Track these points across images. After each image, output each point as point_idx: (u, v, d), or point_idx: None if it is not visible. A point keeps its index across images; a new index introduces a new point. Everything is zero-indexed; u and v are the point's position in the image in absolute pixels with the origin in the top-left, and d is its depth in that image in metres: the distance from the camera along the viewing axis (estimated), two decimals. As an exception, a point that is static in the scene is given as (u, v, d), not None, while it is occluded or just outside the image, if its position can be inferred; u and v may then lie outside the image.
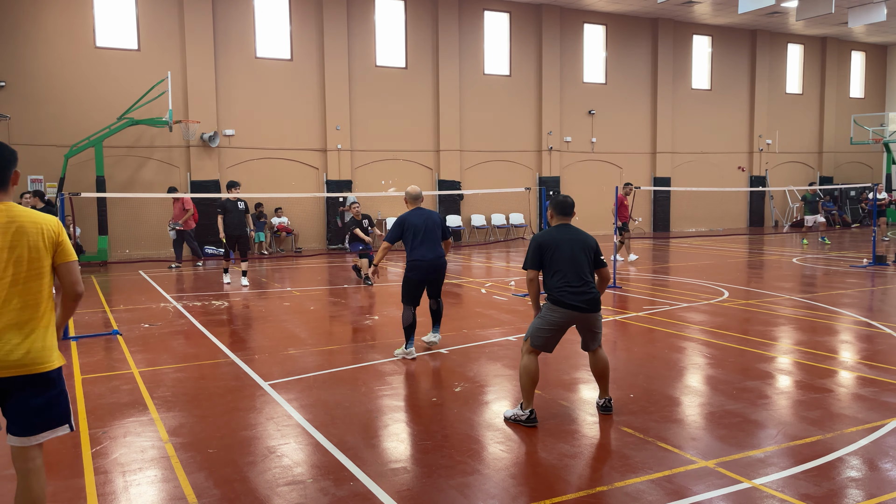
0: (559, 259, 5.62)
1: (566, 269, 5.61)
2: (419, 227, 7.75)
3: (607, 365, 5.85)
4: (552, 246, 5.66)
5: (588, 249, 5.71)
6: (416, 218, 7.82)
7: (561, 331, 5.70)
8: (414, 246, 7.73)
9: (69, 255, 3.52)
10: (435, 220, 7.89)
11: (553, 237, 5.71)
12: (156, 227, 19.92)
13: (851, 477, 4.58)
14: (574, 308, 5.58)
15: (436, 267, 7.77)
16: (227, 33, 20.44)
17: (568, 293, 5.57)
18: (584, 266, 5.66)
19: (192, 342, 8.75)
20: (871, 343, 8.36)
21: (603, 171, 26.48)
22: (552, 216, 5.91)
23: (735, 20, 27.19)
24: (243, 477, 4.64)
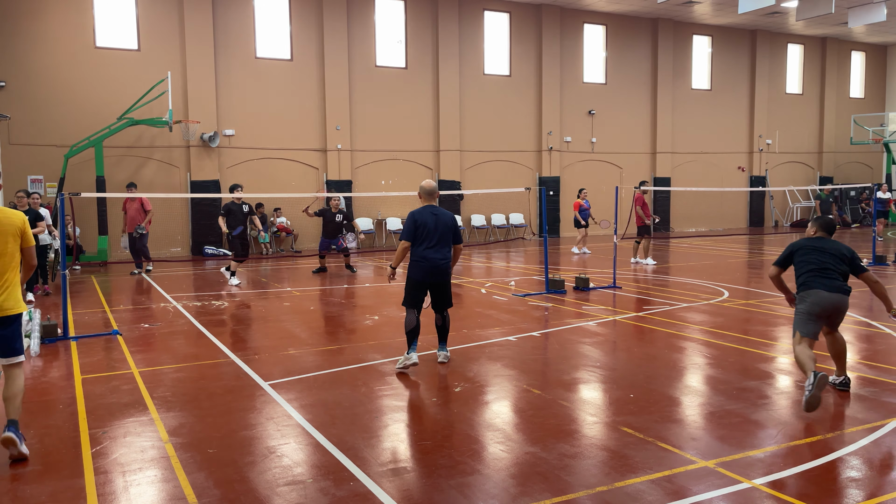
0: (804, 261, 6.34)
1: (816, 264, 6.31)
2: (430, 226, 7.27)
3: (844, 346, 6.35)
4: (802, 248, 6.40)
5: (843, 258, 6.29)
6: (427, 216, 7.31)
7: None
8: (420, 244, 7.29)
9: (29, 242, 5.24)
10: (447, 223, 7.37)
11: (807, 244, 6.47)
12: (156, 227, 19.90)
13: (851, 477, 4.58)
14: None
15: (438, 269, 7.29)
16: (227, 33, 20.44)
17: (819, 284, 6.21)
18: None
19: (192, 342, 8.75)
20: (871, 343, 8.36)
21: (603, 171, 26.47)
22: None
23: (735, 20, 27.19)
24: (243, 477, 4.64)
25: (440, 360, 7.52)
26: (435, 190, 7.54)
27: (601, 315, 10.18)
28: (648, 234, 16.52)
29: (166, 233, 20.14)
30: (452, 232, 7.38)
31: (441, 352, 7.60)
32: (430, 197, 7.50)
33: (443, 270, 7.34)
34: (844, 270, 6.25)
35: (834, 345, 6.33)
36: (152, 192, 19.28)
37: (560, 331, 9.15)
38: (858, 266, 6.29)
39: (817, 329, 6.14)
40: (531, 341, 8.60)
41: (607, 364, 7.48)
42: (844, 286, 6.19)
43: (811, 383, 5.58)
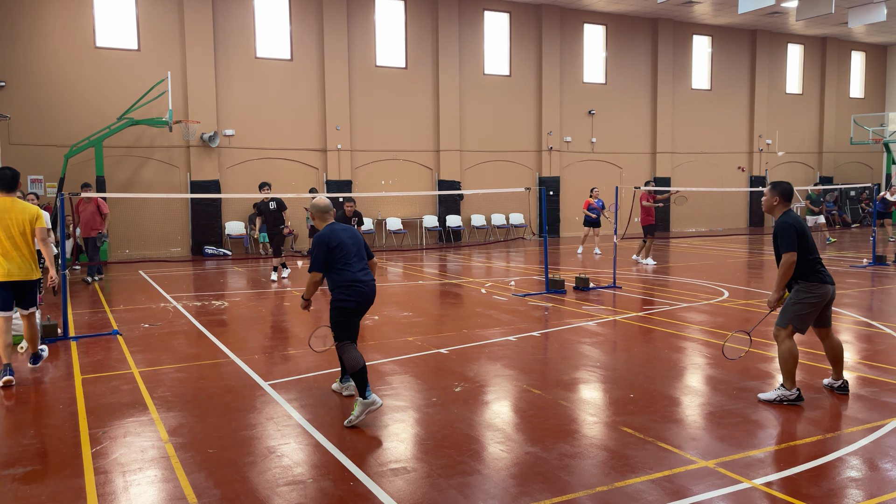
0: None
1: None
2: (348, 244, 6.04)
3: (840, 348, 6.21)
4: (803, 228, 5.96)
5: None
6: (342, 234, 6.07)
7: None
8: (347, 267, 5.98)
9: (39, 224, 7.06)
10: (360, 239, 6.24)
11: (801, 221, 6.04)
12: (156, 227, 19.93)
13: (851, 477, 4.58)
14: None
15: (374, 292, 6.12)
16: (227, 33, 20.44)
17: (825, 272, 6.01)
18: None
19: (192, 342, 8.75)
20: (871, 343, 8.36)
21: (603, 171, 26.47)
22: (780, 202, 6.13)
23: (735, 20, 27.19)
24: (243, 477, 4.64)
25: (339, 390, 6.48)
26: (329, 208, 6.29)
27: (601, 315, 10.18)
28: (652, 234, 16.55)
29: (166, 233, 20.16)
30: (365, 247, 6.27)
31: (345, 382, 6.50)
32: (327, 215, 6.25)
33: (373, 294, 6.13)
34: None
35: (833, 350, 6.21)
36: (152, 193, 19.31)
37: (560, 331, 9.15)
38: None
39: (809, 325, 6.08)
40: (531, 341, 8.60)
41: (607, 364, 7.48)
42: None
43: (796, 398, 5.92)
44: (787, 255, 5.86)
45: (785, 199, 6.10)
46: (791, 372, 5.95)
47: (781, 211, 6.11)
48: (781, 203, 6.10)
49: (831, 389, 6.33)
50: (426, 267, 17.03)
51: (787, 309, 6.03)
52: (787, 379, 5.99)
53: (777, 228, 6.00)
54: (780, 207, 6.11)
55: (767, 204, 6.18)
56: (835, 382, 6.31)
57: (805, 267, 5.94)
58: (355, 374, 5.72)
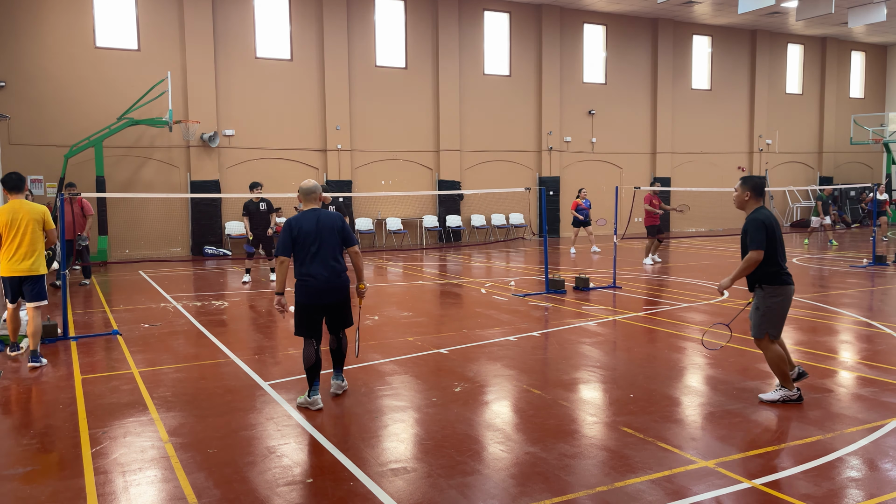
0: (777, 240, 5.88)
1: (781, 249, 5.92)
2: (309, 233, 5.91)
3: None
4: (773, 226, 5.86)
5: None
6: (306, 222, 5.94)
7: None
8: (303, 259, 5.94)
9: (49, 225, 7.73)
10: (330, 225, 5.98)
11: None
12: (156, 227, 19.93)
13: (851, 477, 4.58)
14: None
15: (332, 288, 5.96)
16: (227, 33, 20.44)
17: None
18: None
19: (192, 342, 8.75)
20: (871, 343, 8.36)
21: (603, 171, 26.47)
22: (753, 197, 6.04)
23: (735, 20, 27.19)
24: (243, 477, 4.64)
25: (333, 391, 6.33)
26: (315, 189, 6.15)
27: (601, 315, 10.18)
28: (653, 234, 16.57)
29: (166, 233, 20.16)
30: (339, 234, 6.02)
31: (335, 381, 6.38)
32: (310, 198, 6.13)
33: (335, 288, 5.99)
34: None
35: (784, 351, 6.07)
36: (152, 193, 19.31)
37: (560, 331, 9.15)
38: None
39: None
40: (531, 341, 8.60)
41: (607, 364, 7.48)
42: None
43: (798, 398, 5.94)
44: (755, 252, 5.76)
45: (756, 193, 6.02)
46: (785, 373, 5.95)
47: (754, 206, 6.01)
48: (753, 198, 6.00)
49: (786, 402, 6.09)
50: (426, 267, 17.03)
51: (758, 320, 5.99)
52: (784, 381, 5.99)
53: (747, 225, 5.90)
54: (751, 202, 6.03)
55: (739, 199, 6.10)
56: (791, 394, 6.02)
57: (771, 269, 5.86)
58: (306, 369, 5.95)
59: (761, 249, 5.76)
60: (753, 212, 5.96)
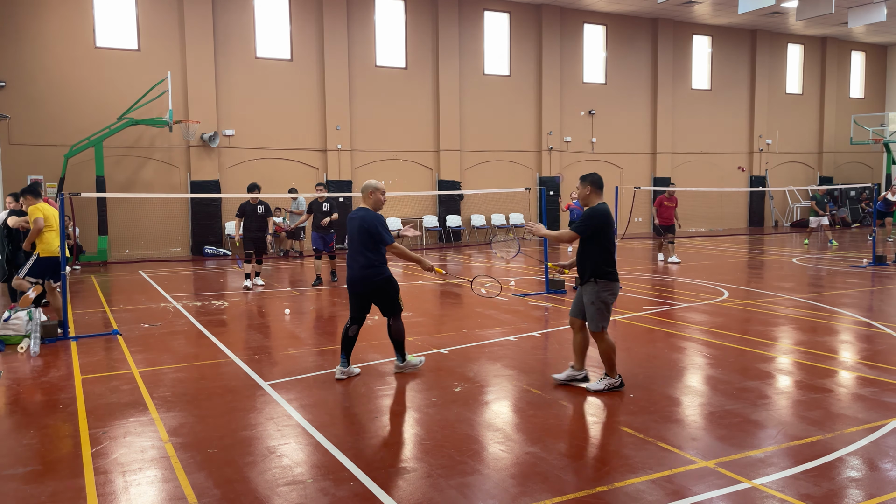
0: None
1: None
2: (349, 230, 6.84)
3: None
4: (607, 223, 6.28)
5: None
6: (351, 221, 6.87)
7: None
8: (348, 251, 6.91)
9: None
10: (361, 225, 6.70)
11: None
12: (156, 227, 19.93)
13: (851, 477, 4.58)
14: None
15: (358, 279, 6.76)
16: (227, 33, 20.44)
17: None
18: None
19: (192, 342, 8.75)
20: (871, 343, 8.35)
21: (603, 171, 26.45)
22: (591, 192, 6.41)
23: (735, 20, 27.19)
24: (243, 477, 4.64)
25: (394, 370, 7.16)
26: (365, 188, 6.89)
27: (601, 315, 10.17)
28: (660, 234, 16.94)
29: (166, 233, 20.16)
30: (369, 235, 6.66)
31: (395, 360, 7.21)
32: (362, 197, 6.91)
33: (361, 280, 6.75)
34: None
35: (585, 341, 6.60)
36: (152, 193, 19.31)
37: (560, 331, 9.14)
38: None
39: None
40: (531, 341, 8.60)
41: (607, 364, 7.47)
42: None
43: (620, 384, 6.39)
44: (572, 234, 6.41)
45: (596, 188, 6.43)
46: (613, 362, 6.40)
47: (596, 201, 6.43)
48: (594, 193, 6.41)
49: (573, 382, 6.54)
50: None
51: (595, 314, 6.36)
52: (610, 370, 6.40)
53: (584, 212, 6.38)
54: (593, 197, 6.43)
55: (582, 196, 6.47)
56: (577, 374, 6.58)
57: (603, 262, 6.35)
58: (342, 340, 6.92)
59: (579, 236, 6.37)
60: (594, 206, 6.40)
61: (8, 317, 8.52)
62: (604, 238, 6.29)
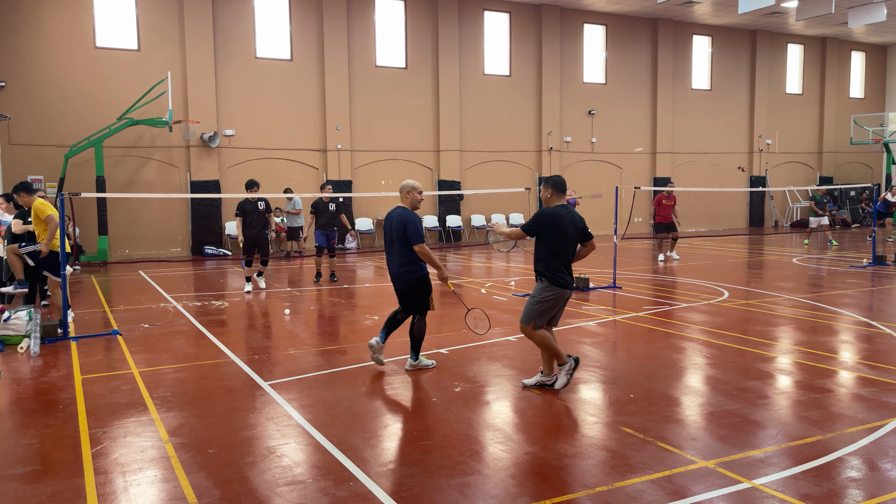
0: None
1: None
2: (386, 228, 7.19)
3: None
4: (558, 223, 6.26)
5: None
6: (387, 220, 7.21)
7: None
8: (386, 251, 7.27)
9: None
10: (398, 224, 6.98)
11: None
12: (156, 227, 19.93)
13: (851, 477, 4.58)
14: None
15: (395, 276, 7.12)
16: (227, 33, 20.45)
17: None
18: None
19: (192, 342, 8.75)
20: (871, 343, 8.36)
21: (603, 171, 26.48)
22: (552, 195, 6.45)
23: (735, 20, 27.19)
24: (243, 477, 4.64)
25: (405, 367, 7.29)
26: (402, 188, 7.14)
27: (601, 315, 10.18)
28: (661, 231, 17.26)
29: (166, 233, 20.16)
30: (404, 233, 6.93)
31: (409, 358, 7.31)
32: (400, 196, 7.22)
33: (397, 277, 7.09)
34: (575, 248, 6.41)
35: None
36: (152, 193, 19.31)
37: (560, 331, 9.14)
38: (589, 233, 6.48)
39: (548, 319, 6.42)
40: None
41: (607, 364, 7.48)
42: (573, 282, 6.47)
43: (572, 368, 6.38)
44: (520, 232, 6.56)
45: (557, 190, 6.46)
46: (554, 349, 6.36)
47: (556, 202, 6.45)
48: (555, 195, 6.44)
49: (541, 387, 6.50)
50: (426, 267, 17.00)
51: (529, 306, 6.38)
52: (557, 356, 6.38)
53: (536, 212, 6.47)
54: (554, 199, 6.46)
55: (544, 198, 6.51)
56: (547, 380, 6.49)
57: (551, 264, 6.31)
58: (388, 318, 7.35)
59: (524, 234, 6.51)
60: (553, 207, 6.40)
61: (8, 317, 8.52)
62: (552, 240, 6.26)
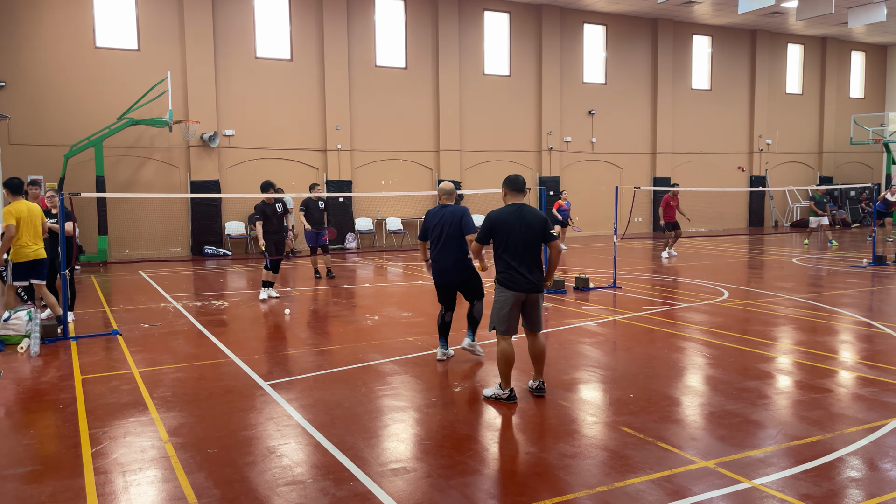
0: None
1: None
2: (436, 226, 7.40)
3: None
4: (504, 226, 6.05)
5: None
6: (436, 216, 7.45)
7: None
8: (433, 245, 7.48)
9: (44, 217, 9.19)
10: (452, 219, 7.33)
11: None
12: (156, 227, 19.93)
13: (851, 477, 4.58)
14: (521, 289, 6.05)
15: (454, 270, 7.39)
16: (227, 33, 20.44)
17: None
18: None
19: (192, 342, 8.75)
20: (871, 343, 8.36)
21: (603, 171, 26.47)
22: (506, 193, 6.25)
23: (735, 20, 27.19)
24: (243, 477, 4.64)
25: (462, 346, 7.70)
26: (443, 191, 7.53)
27: (601, 315, 10.18)
28: (669, 230, 17.65)
29: (166, 233, 20.16)
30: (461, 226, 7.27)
31: (466, 338, 7.68)
32: (449, 197, 7.55)
33: (454, 270, 7.40)
34: (537, 248, 6.08)
35: (534, 346, 6.27)
36: (152, 193, 19.31)
37: (560, 331, 9.14)
38: (549, 235, 6.11)
39: (515, 325, 6.16)
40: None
41: (607, 364, 7.48)
42: (540, 282, 6.08)
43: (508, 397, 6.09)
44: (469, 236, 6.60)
45: (511, 189, 6.22)
46: (503, 372, 6.11)
47: (511, 201, 6.20)
48: (509, 194, 6.21)
49: (531, 392, 6.34)
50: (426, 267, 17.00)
51: (492, 311, 6.23)
52: (501, 378, 6.13)
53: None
54: (509, 198, 6.22)
55: (502, 197, 6.30)
56: (534, 383, 6.34)
57: (500, 267, 6.13)
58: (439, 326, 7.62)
59: (478, 242, 6.33)
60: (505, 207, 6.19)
61: (8, 317, 8.52)
62: (497, 241, 6.09)
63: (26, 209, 8.78)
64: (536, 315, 6.20)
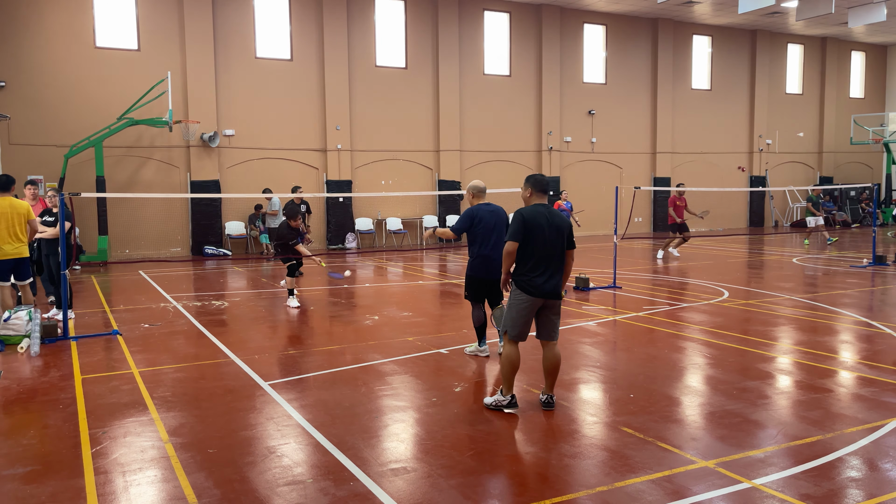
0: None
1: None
2: (489, 223, 7.46)
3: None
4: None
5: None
6: (484, 212, 7.53)
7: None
8: (482, 242, 7.44)
9: (31, 216, 8.94)
10: (502, 218, 7.58)
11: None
12: (156, 227, 19.94)
13: (851, 477, 4.58)
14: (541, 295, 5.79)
15: (496, 267, 7.40)
16: (227, 33, 20.44)
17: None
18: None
19: (192, 342, 8.75)
20: (871, 343, 8.36)
21: (603, 171, 26.47)
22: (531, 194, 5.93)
23: (735, 20, 27.19)
24: (243, 477, 4.64)
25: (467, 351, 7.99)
26: (477, 189, 7.72)
27: (601, 315, 10.18)
28: (674, 231, 17.68)
29: (166, 233, 20.16)
30: (505, 226, 7.41)
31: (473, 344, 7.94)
32: (482, 195, 7.71)
33: (496, 268, 7.43)
34: (562, 252, 5.83)
35: (546, 361, 5.97)
36: (152, 193, 19.31)
37: (560, 331, 9.12)
38: (572, 242, 5.90)
39: (527, 332, 5.93)
40: (531, 341, 8.56)
41: (607, 364, 7.48)
42: (560, 289, 5.83)
43: (509, 403, 5.84)
44: (508, 243, 5.75)
45: (536, 189, 5.93)
46: (507, 378, 5.87)
47: (536, 202, 5.92)
48: (535, 194, 5.92)
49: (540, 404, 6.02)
50: (426, 267, 17.03)
51: (505, 313, 6.00)
52: (504, 384, 5.90)
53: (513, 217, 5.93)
54: (534, 198, 5.92)
55: (524, 196, 6.00)
56: (543, 396, 6.01)
57: (521, 270, 5.78)
58: (476, 327, 7.72)
59: (513, 241, 5.74)
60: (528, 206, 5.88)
61: (8, 317, 8.52)
62: (523, 241, 5.72)
63: (8, 205, 8.68)
64: (554, 323, 5.95)
